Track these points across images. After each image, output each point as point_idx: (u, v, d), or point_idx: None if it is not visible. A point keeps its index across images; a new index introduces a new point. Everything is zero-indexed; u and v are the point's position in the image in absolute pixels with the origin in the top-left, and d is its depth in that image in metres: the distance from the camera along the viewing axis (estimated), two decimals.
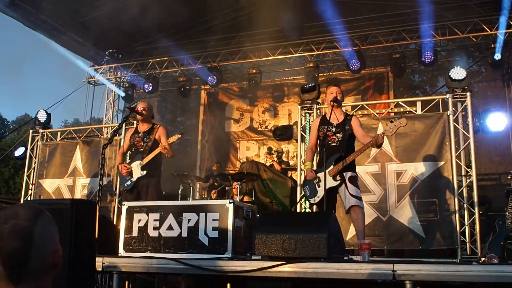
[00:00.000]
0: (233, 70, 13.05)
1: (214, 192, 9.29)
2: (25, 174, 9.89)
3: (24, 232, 1.34)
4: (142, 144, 6.51)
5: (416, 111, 7.55)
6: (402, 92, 11.16)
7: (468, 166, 7.12)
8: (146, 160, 6.34)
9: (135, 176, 6.41)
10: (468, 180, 7.04)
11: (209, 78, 11.90)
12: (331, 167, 5.32)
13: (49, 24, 10.97)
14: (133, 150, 6.61)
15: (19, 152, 10.22)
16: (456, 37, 10.42)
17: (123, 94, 12.88)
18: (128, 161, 6.75)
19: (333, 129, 5.48)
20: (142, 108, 6.59)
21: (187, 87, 12.51)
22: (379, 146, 5.35)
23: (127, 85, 13.07)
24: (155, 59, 12.25)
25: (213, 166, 10.75)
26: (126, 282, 5.64)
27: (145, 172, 6.34)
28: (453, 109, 7.14)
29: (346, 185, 5.23)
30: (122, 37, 11.26)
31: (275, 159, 10.49)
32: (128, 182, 6.47)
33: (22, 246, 1.33)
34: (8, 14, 10.53)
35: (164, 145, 6.22)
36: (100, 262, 4.28)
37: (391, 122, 5.29)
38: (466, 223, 6.83)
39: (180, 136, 6.38)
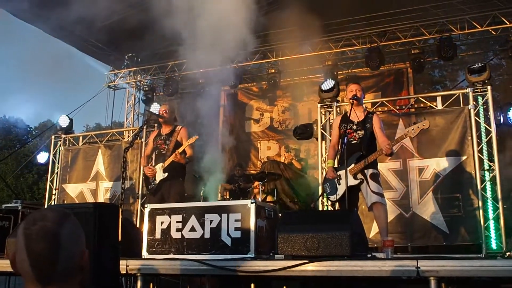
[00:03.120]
0: (252, 70, 13.06)
1: (226, 193, 9.29)
2: (49, 179, 10.05)
3: (52, 234, 1.37)
4: (164, 146, 6.58)
5: (436, 106, 7.47)
6: (422, 87, 11.06)
7: (491, 160, 7.02)
8: (167, 162, 6.41)
9: (158, 179, 6.49)
10: (491, 174, 6.95)
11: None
12: (352, 165, 5.32)
13: (68, 30, 11.11)
14: (156, 153, 6.70)
15: (42, 158, 10.39)
16: (475, 30, 10.27)
17: (143, 98, 13.00)
18: (153, 164, 6.83)
19: (354, 127, 5.48)
20: (163, 111, 6.66)
21: (207, 89, 12.54)
22: (389, 155, 5.43)
23: (147, 88, 13.18)
24: (174, 61, 12.32)
25: (235, 171, 10.72)
26: (151, 284, 5.69)
27: (166, 174, 6.41)
28: (474, 103, 7.05)
29: (367, 182, 5.23)
30: (141, 41, 11.35)
31: (293, 157, 10.48)
32: (152, 185, 6.55)
33: (49, 248, 1.36)
34: (27, 21, 10.70)
35: (176, 153, 6.27)
36: (124, 265, 4.33)
37: (414, 123, 5.29)
38: (490, 218, 6.74)
39: (196, 137, 6.41)
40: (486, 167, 6.99)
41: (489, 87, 7.02)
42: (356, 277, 4.13)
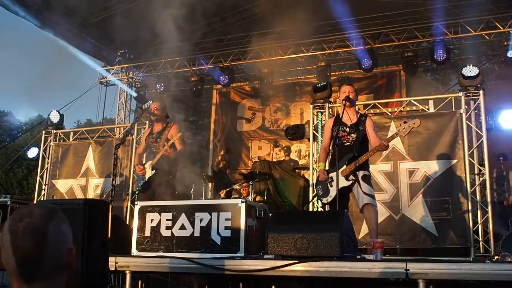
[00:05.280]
0: (244, 70, 13.05)
1: (222, 191, 9.30)
2: (38, 175, 9.98)
3: (38, 230, 1.35)
4: (155, 144, 6.55)
5: (428, 109, 7.51)
6: (414, 90, 11.08)
7: (481, 164, 7.07)
8: (155, 159, 6.40)
9: (147, 176, 6.47)
10: (481, 179, 6.99)
11: (221, 77, 11.92)
12: (344, 167, 5.33)
13: (60, 25, 11.03)
14: (148, 151, 6.68)
15: (32, 153, 10.31)
16: (469, 35, 10.31)
17: (135, 94, 12.94)
18: (143, 161, 6.80)
19: (347, 129, 5.49)
20: (155, 108, 6.63)
21: (199, 87, 12.52)
22: (385, 150, 5.48)
23: (139, 85, 13.14)
24: (167, 59, 12.29)
25: (220, 164, 10.76)
26: (139, 281, 5.67)
27: (154, 171, 6.39)
28: (466, 107, 7.09)
29: (359, 184, 5.24)
30: (134, 37, 11.31)
31: (284, 155, 10.54)
32: (141, 182, 6.54)
33: (36, 245, 1.34)
34: (19, 15, 10.61)
35: (166, 146, 6.27)
36: (113, 261, 4.31)
37: (405, 122, 5.31)
38: (479, 222, 6.78)
39: (180, 134, 6.40)
40: (476, 171, 7.04)
41: (481, 92, 7.07)
42: (345, 278, 4.13)
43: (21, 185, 27.80)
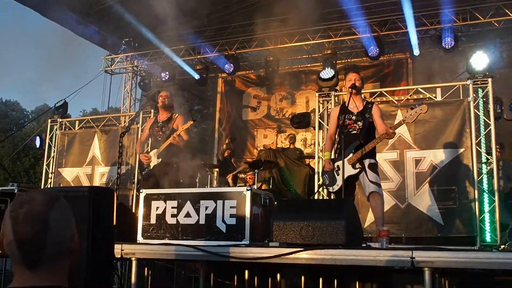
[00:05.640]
0: (250, 58, 12.99)
1: (229, 176, 9.29)
2: (45, 163, 10.02)
3: (40, 217, 1.33)
4: (161, 133, 6.53)
5: (436, 97, 7.44)
6: (421, 78, 10.99)
7: (489, 153, 7.01)
8: (161, 148, 6.37)
9: (152, 165, 6.46)
10: (489, 168, 6.94)
11: (226, 66, 11.88)
12: (351, 155, 5.29)
13: (64, 13, 11.00)
14: (152, 139, 6.66)
15: (38, 141, 10.35)
16: (478, 22, 10.19)
17: (140, 83, 12.93)
18: (148, 150, 6.79)
19: (354, 118, 5.45)
20: (164, 97, 6.60)
21: (204, 75, 12.49)
22: (391, 137, 5.43)
23: (144, 74, 13.12)
24: (172, 47, 12.23)
25: (225, 152, 10.79)
26: (145, 268, 5.69)
27: (160, 160, 6.37)
28: (474, 95, 7.02)
29: (365, 172, 5.21)
30: (139, 26, 11.26)
31: (288, 143, 10.53)
32: (145, 170, 6.53)
33: (37, 231, 1.32)
34: (25, 4, 10.60)
35: (174, 135, 6.24)
36: (118, 249, 4.32)
37: (412, 108, 5.25)
38: (486, 211, 6.74)
39: (192, 122, 6.36)
40: (484, 160, 6.98)
41: (489, 80, 6.99)
42: (350, 267, 4.12)
43: (28, 174, 27.97)
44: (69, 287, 1.37)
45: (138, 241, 4.97)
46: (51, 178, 9.69)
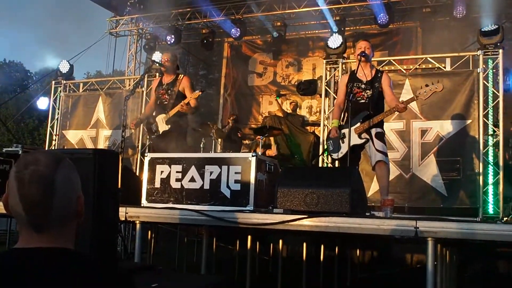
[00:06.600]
0: (257, 23, 12.79)
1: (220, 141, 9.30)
2: (49, 125, 10.02)
3: (45, 179, 1.30)
4: (166, 96, 6.44)
5: (445, 67, 7.35)
6: (430, 48, 10.82)
7: (496, 125, 6.96)
8: (171, 113, 6.29)
9: (161, 130, 6.39)
10: (495, 140, 6.90)
11: (233, 30, 11.70)
12: (358, 124, 5.25)
13: None
14: (158, 103, 6.56)
15: (42, 103, 10.32)
16: None
17: (145, 46, 12.80)
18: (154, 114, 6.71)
19: (362, 86, 5.38)
20: (165, 59, 6.50)
21: (210, 40, 12.32)
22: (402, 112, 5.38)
23: (149, 36, 12.96)
24: (177, 10, 12.04)
25: (229, 118, 10.76)
26: (149, 232, 5.74)
27: (169, 126, 6.31)
28: (484, 66, 6.92)
29: (372, 141, 5.18)
30: None
31: (291, 109, 10.50)
32: (154, 135, 6.47)
33: (43, 193, 1.29)
34: None
35: (182, 104, 6.16)
36: (123, 212, 4.34)
37: (427, 86, 5.18)
38: (490, 183, 6.73)
39: (200, 93, 6.28)
40: (490, 132, 6.94)
41: (500, 51, 6.87)
42: (351, 235, 4.14)
43: (32, 136, 28.06)
44: (75, 249, 1.36)
45: (142, 205, 4.99)
46: (55, 140, 9.70)
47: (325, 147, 6.42)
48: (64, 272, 1.26)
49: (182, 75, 6.56)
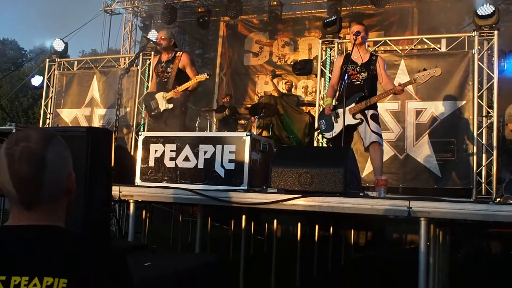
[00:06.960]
0: (253, 2, 12.67)
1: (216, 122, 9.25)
2: (43, 104, 9.96)
3: (36, 156, 1.29)
4: (165, 74, 6.37)
5: (440, 48, 7.32)
6: (426, 29, 10.77)
7: (490, 106, 6.97)
8: (169, 95, 6.23)
9: (162, 108, 6.32)
10: (489, 121, 6.92)
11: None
12: (353, 104, 5.25)
13: None
14: (158, 81, 6.50)
15: (36, 81, 10.23)
16: None
17: (140, 25, 12.68)
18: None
19: (358, 69, 5.38)
20: (161, 37, 6.43)
21: (206, 18, 12.22)
22: (399, 94, 5.41)
23: (144, 15, 12.84)
24: None
25: (224, 99, 10.70)
26: (143, 211, 5.75)
27: (171, 105, 6.26)
28: (479, 47, 6.91)
29: (367, 122, 5.19)
30: None
31: (286, 89, 10.46)
32: (155, 112, 6.40)
33: (34, 171, 1.29)
34: None
35: (176, 90, 6.13)
36: (117, 191, 4.33)
37: (425, 70, 5.17)
38: (484, 164, 6.77)
39: (207, 76, 6.23)
40: (485, 113, 6.95)
41: (496, 32, 6.86)
42: (346, 215, 4.15)
43: (26, 114, 27.88)
44: (66, 227, 1.36)
45: (136, 184, 4.98)
46: (49, 119, 9.67)
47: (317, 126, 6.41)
48: (54, 250, 1.26)
49: (181, 52, 6.49)
